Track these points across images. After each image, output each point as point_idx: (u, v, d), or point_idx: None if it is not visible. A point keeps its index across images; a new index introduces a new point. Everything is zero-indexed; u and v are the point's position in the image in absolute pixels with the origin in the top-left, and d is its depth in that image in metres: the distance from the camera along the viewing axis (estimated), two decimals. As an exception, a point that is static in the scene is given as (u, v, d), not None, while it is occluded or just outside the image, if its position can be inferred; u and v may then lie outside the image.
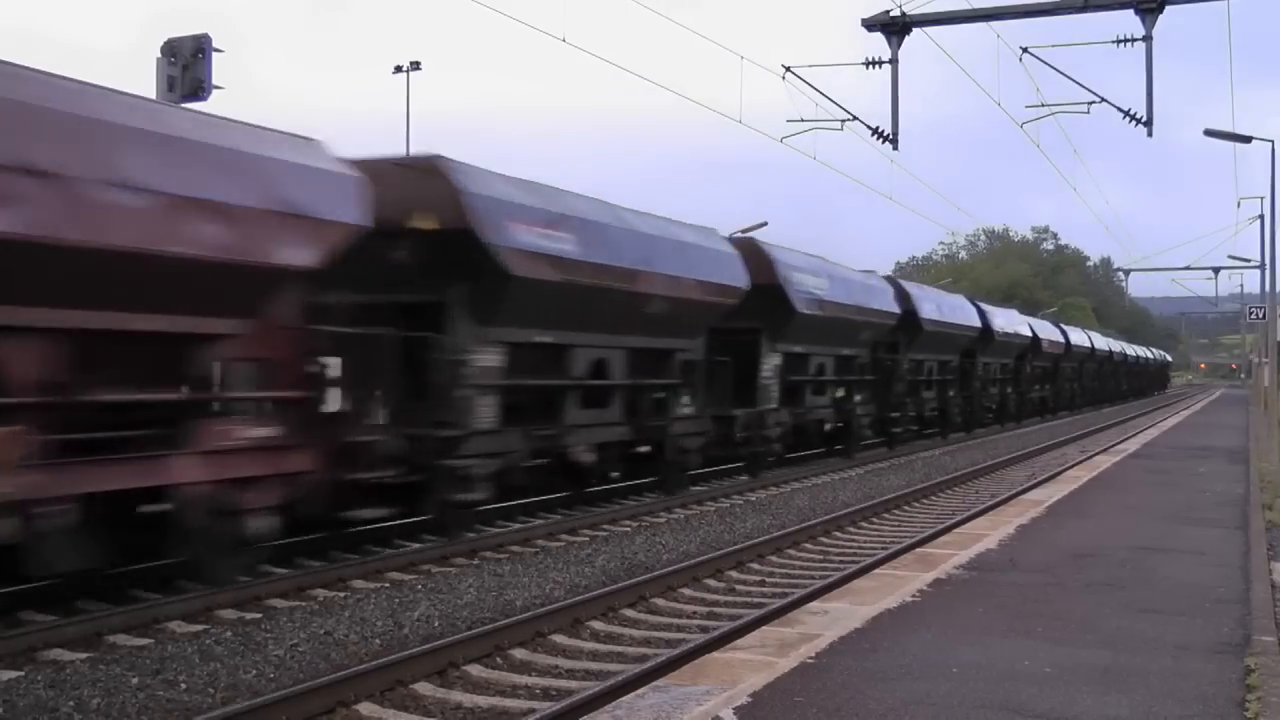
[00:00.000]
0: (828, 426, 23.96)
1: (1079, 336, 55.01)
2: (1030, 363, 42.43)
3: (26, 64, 8.77)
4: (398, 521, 13.28)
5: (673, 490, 17.67)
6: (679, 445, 17.61)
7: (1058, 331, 48.98)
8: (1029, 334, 41.10)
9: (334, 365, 11.10)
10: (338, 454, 10.99)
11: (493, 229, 12.95)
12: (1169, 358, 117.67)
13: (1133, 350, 79.23)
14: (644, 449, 17.25)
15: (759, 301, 19.48)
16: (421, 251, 12.66)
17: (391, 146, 41.45)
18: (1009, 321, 38.94)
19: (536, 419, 14.43)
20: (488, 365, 13.20)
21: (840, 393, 24.28)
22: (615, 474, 17.08)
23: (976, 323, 33.91)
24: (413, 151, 17.86)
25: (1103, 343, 64.20)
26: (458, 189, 12.75)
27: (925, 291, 31.53)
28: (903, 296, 27.54)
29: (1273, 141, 26.36)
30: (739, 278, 18.83)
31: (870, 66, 18.12)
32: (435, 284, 12.84)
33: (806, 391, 22.59)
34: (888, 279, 27.80)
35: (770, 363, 20.59)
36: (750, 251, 19.97)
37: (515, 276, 13.21)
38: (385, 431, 11.70)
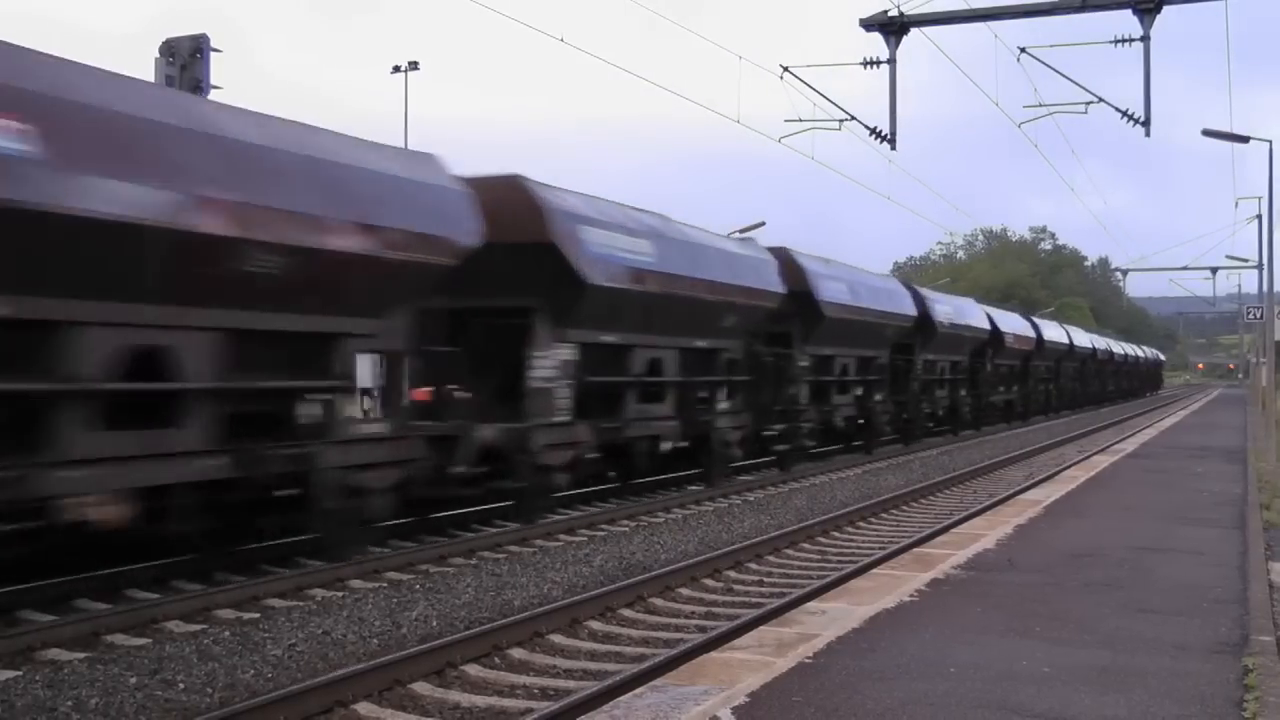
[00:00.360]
0: (666, 445, 17.47)
1: (1055, 332, 49.38)
2: (991, 360, 37.53)
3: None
4: (396, 522, 13.27)
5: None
6: (343, 484, 11.31)
7: (1027, 325, 43.75)
8: (987, 326, 36.11)
9: None
10: None
11: None
12: (1162, 356, 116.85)
13: (1120, 348, 74.09)
14: (290, 492, 11.14)
15: (532, 268, 14.00)
16: None
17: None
18: (959, 311, 33.42)
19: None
20: None
21: (721, 400, 19.03)
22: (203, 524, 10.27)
23: (911, 310, 28.38)
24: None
25: (1084, 339, 58.43)
26: None
27: (832, 269, 24.63)
28: (794, 273, 21.62)
29: (1270, 141, 26.24)
30: (459, 228, 12.56)
31: (868, 66, 18.18)
32: None
33: (627, 398, 16.34)
34: (775, 250, 21.66)
35: (552, 358, 14.67)
36: (505, 194, 13.82)
37: None
38: None
